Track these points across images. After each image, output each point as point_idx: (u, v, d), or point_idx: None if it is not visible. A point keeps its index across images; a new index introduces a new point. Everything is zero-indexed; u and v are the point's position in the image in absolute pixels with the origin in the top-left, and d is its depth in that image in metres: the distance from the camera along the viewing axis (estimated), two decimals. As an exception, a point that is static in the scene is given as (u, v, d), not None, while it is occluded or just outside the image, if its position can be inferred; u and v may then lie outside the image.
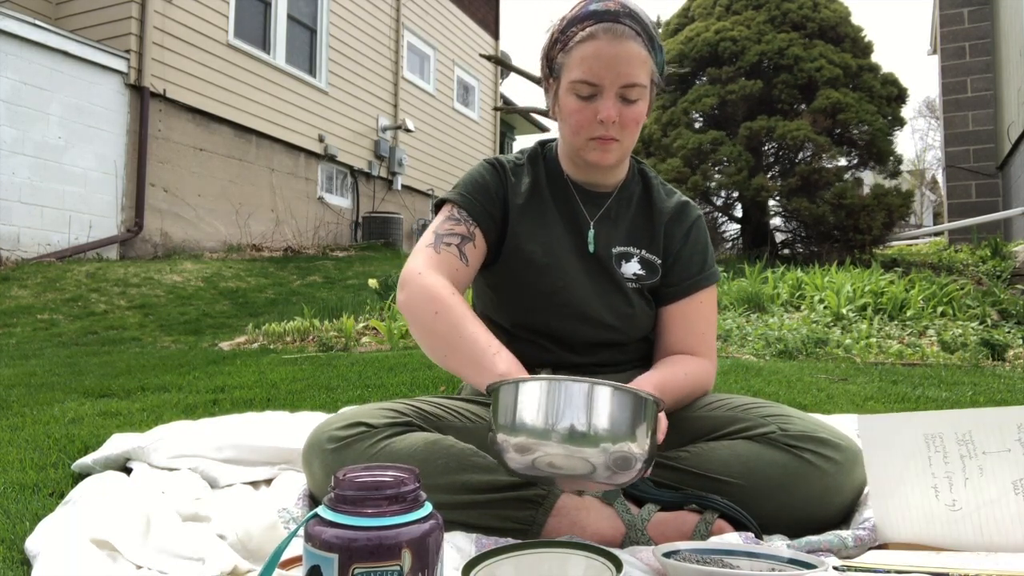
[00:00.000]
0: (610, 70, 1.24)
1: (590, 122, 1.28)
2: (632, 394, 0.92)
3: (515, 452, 0.93)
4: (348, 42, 10.29)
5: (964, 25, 10.39)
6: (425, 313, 1.23)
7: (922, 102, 25.71)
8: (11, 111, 6.44)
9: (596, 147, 1.30)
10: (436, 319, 1.21)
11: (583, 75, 1.26)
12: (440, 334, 1.22)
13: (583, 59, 1.26)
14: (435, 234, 1.33)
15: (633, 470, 0.93)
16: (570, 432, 0.90)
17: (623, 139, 1.30)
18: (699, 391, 1.36)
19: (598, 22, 1.26)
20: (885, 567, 0.99)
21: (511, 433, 0.94)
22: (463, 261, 1.31)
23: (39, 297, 5.44)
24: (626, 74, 1.25)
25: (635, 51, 1.25)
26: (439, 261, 1.29)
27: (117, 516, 1.15)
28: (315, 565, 0.72)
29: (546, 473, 0.94)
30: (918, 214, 20.63)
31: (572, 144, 1.34)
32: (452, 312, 1.21)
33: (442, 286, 1.24)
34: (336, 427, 1.24)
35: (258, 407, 2.32)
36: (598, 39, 1.25)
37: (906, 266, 6.53)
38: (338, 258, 8.38)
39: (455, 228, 1.34)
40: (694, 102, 7.40)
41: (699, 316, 1.41)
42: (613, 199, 1.42)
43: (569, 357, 1.38)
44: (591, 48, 1.25)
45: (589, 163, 1.35)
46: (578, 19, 1.29)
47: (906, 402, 2.45)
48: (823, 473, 1.17)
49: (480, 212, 1.36)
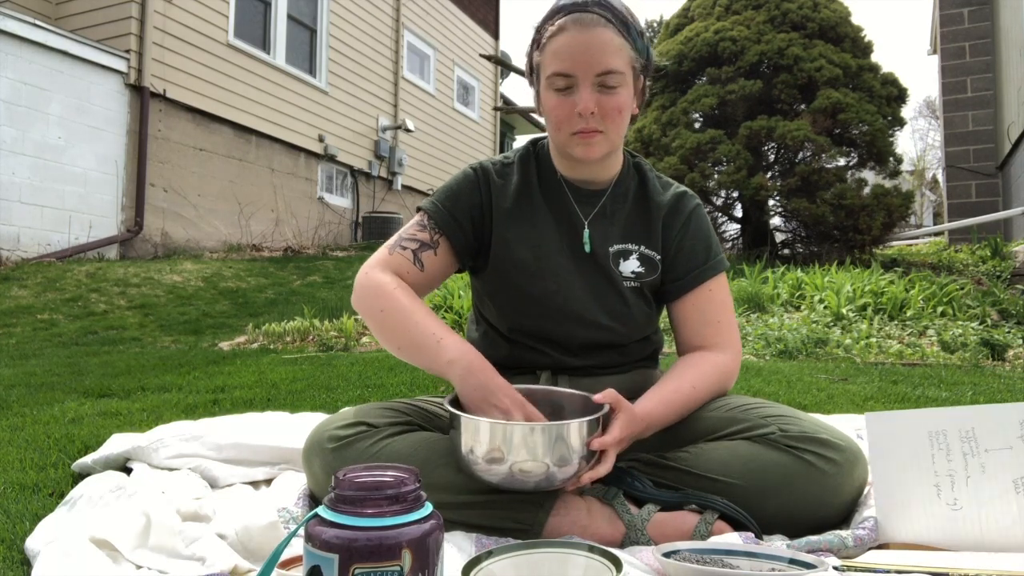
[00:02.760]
0: (582, 59, 1.23)
1: (569, 116, 1.26)
2: (555, 426, 1.10)
3: (487, 465, 1.08)
4: (348, 42, 10.29)
5: (964, 25, 10.39)
6: (371, 310, 1.29)
7: (922, 102, 25.73)
8: (11, 111, 6.44)
9: (579, 142, 1.28)
10: (383, 316, 1.27)
11: (556, 68, 1.25)
12: (389, 328, 1.27)
13: (555, 53, 1.25)
14: (398, 237, 1.37)
15: (572, 465, 1.10)
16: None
17: (607, 130, 1.27)
18: (716, 392, 1.34)
19: (567, 14, 1.26)
20: (885, 567, 0.99)
21: (482, 451, 1.10)
22: (417, 265, 1.34)
23: (39, 297, 5.44)
24: (599, 62, 1.23)
25: (607, 37, 1.24)
26: (389, 261, 1.34)
27: (117, 516, 1.15)
28: (315, 565, 0.72)
29: (518, 482, 1.09)
30: (918, 214, 20.63)
31: (557, 141, 1.33)
32: (397, 306, 1.26)
33: (386, 282, 1.29)
34: (337, 426, 1.24)
35: (258, 407, 2.32)
36: (567, 30, 1.24)
37: (906, 266, 6.53)
38: (338, 258, 8.38)
39: (417, 235, 1.36)
40: (694, 102, 7.40)
41: (711, 305, 1.39)
42: (608, 196, 1.40)
43: (568, 360, 1.37)
44: (562, 40, 1.25)
45: (576, 159, 1.33)
46: (548, 16, 1.29)
47: (906, 402, 2.45)
48: (823, 474, 1.17)
49: (451, 224, 1.36)
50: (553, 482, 1.10)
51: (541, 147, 1.45)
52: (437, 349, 1.20)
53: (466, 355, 1.19)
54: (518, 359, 1.37)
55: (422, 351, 1.23)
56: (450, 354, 1.19)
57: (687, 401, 1.29)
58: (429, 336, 1.21)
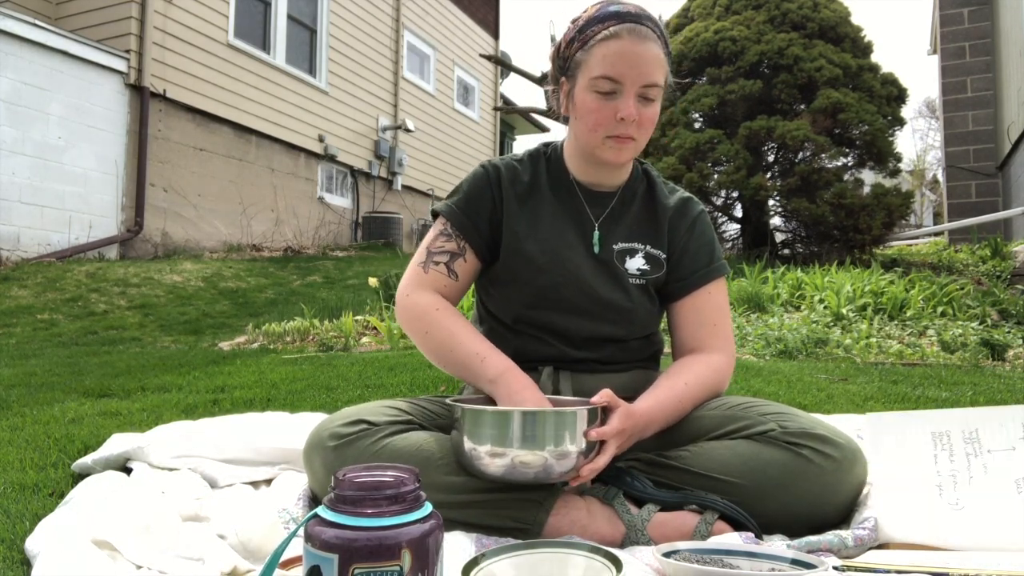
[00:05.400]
0: (633, 69, 1.27)
1: (609, 120, 1.29)
2: (553, 411, 1.14)
3: (490, 458, 1.11)
4: (348, 42, 10.29)
5: (964, 25, 10.39)
6: (416, 332, 1.36)
7: (922, 102, 25.71)
8: (11, 111, 6.44)
9: (613, 145, 1.32)
10: (427, 337, 1.34)
11: (605, 71, 1.27)
12: (433, 349, 1.34)
13: (605, 56, 1.27)
14: (427, 251, 1.41)
15: (571, 457, 1.11)
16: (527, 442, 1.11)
17: (639, 138, 1.32)
18: (710, 392, 1.36)
19: (621, 22, 1.28)
20: (885, 567, 0.99)
21: (483, 443, 1.12)
22: (452, 277, 1.39)
23: (39, 297, 5.44)
24: (648, 73, 1.27)
25: (655, 53, 1.28)
26: (426, 280, 1.38)
27: (117, 516, 1.15)
28: (315, 565, 0.72)
29: (518, 473, 1.10)
30: (918, 214, 20.62)
31: (587, 142, 1.35)
32: (440, 328, 1.33)
33: (427, 304, 1.35)
34: (338, 424, 1.24)
35: (258, 407, 2.31)
36: (622, 38, 1.27)
37: (906, 266, 6.52)
38: (338, 258, 8.38)
39: (446, 245, 1.40)
40: (693, 102, 7.40)
41: (710, 307, 1.42)
42: (617, 199, 1.44)
43: (571, 352, 1.39)
44: (615, 46, 1.27)
45: (603, 161, 1.36)
46: (598, 19, 1.31)
47: (906, 402, 2.44)
48: (822, 471, 1.17)
49: (469, 227, 1.40)
50: (551, 473, 1.11)
51: (553, 149, 1.48)
52: (481, 368, 1.27)
53: (506, 373, 1.26)
54: (523, 351, 1.38)
55: (467, 370, 1.30)
56: (491, 373, 1.26)
57: (682, 399, 1.31)
58: (473, 356, 1.29)
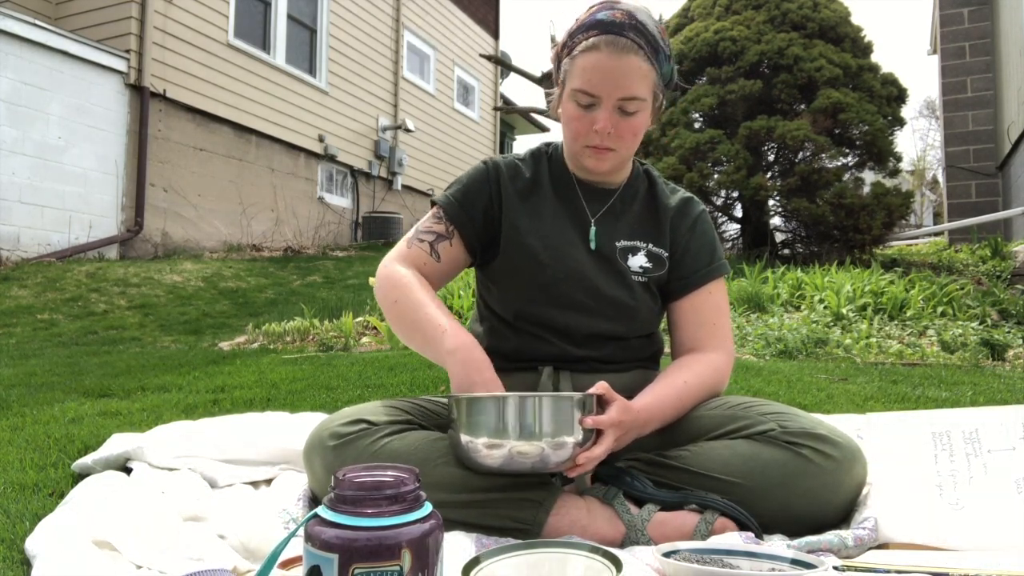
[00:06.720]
0: (608, 83, 1.27)
1: (587, 130, 1.31)
2: (552, 398, 1.12)
3: (487, 449, 1.09)
4: (348, 42, 10.29)
5: (964, 25, 10.38)
6: (387, 300, 1.35)
7: (922, 102, 25.71)
8: (11, 111, 6.44)
9: (591, 155, 1.34)
10: (396, 306, 1.33)
11: (582, 85, 1.29)
12: (398, 317, 1.33)
13: (583, 69, 1.28)
14: (415, 230, 1.43)
15: (567, 447, 1.10)
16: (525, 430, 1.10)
17: (619, 149, 1.33)
18: (709, 391, 1.36)
19: (602, 33, 1.27)
20: (885, 567, 0.99)
21: (480, 434, 1.10)
22: (433, 256, 1.39)
23: (39, 297, 5.44)
24: (624, 87, 1.27)
25: (635, 65, 1.27)
26: (407, 255, 1.40)
27: (117, 516, 1.15)
28: (315, 565, 0.72)
29: (516, 464, 1.09)
30: (918, 214, 20.62)
31: (570, 148, 1.40)
32: (409, 299, 1.31)
33: (402, 275, 1.35)
34: (338, 424, 1.24)
35: (258, 407, 2.32)
36: (599, 51, 1.27)
37: (906, 266, 6.52)
38: (338, 258, 8.38)
39: (434, 227, 1.42)
40: (693, 102, 7.39)
41: (709, 307, 1.42)
42: (617, 196, 1.44)
43: (571, 351, 1.38)
44: (592, 59, 1.28)
45: (586, 168, 1.40)
46: (584, 27, 1.31)
47: (906, 402, 2.44)
48: (822, 470, 1.17)
49: (462, 216, 1.41)
50: (548, 463, 1.10)
51: (555, 148, 1.50)
52: (441, 339, 1.24)
53: (464, 346, 1.22)
54: (523, 349, 1.38)
55: (428, 341, 1.27)
56: (450, 344, 1.22)
57: (682, 397, 1.31)
58: (436, 327, 1.26)
